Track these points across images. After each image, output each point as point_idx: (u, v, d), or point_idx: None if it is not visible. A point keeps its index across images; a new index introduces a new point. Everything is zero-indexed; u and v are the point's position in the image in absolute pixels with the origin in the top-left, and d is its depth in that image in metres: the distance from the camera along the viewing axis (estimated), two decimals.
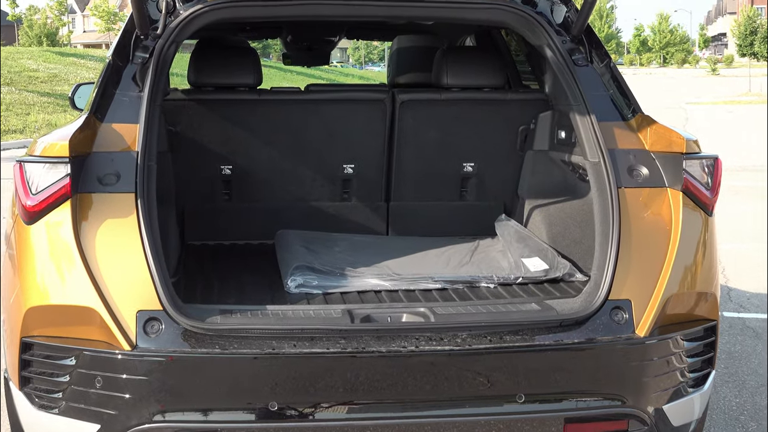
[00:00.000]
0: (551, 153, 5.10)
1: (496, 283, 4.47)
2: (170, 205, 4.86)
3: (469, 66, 5.25)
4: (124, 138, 3.86)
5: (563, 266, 4.54)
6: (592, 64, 4.46)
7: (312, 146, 5.34)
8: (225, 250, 5.24)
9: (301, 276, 4.35)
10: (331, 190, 5.47)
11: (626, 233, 3.93)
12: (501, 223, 5.32)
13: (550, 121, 5.10)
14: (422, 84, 6.00)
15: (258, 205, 5.44)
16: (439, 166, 5.45)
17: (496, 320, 3.77)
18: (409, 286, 4.38)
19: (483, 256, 4.91)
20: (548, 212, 5.11)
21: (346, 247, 5.07)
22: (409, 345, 3.59)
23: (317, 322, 3.70)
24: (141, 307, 3.56)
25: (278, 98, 5.25)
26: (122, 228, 3.65)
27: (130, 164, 3.77)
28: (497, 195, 5.57)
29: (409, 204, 5.54)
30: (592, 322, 3.77)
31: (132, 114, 3.93)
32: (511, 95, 5.33)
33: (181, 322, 3.55)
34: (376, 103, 5.25)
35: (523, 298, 4.24)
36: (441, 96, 5.23)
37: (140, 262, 3.59)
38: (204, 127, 5.16)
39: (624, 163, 4.12)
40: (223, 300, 4.13)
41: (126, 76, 4.09)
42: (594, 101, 4.30)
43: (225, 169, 5.29)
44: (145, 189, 3.72)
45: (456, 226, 5.54)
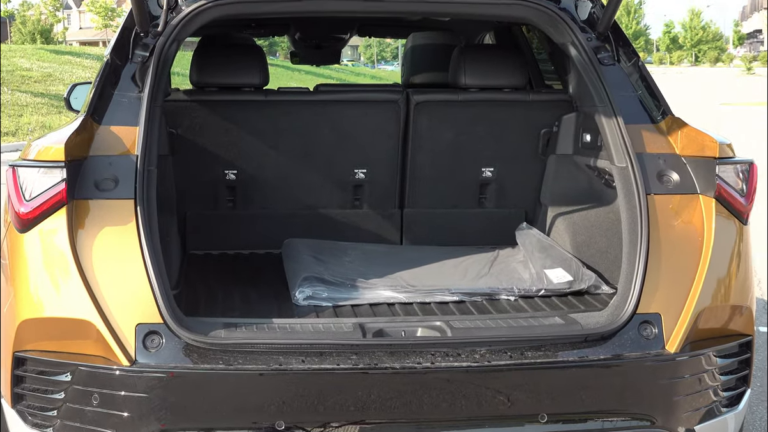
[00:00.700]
0: (575, 157, 5.10)
1: (516, 295, 4.47)
2: (171, 212, 4.87)
3: (489, 65, 5.25)
4: (123, 141, 3.87)
5: (588, 278, 4.54)
6: (619, 63, 4.45)
7: (321, 150, 5.35)
8: (229, 260, 5.25)
9: (310, 287, 4.36)
10: (341, 197, 5.48)
11: (655, 243, 3.92)
12: (522, 231, 5.32)
13: (574, 123, 5.10)
14: (438, 84, 6.00)
15: (264, 212, 5.45)
16: (456, 171, 5.45)
17: (516, 335, 3.77)
18: (425, 299, 4.38)
19: (503, 267, 4.91)
20: (572, 220, 5.10)
21: (358, 257, 5.07)
22: (425, 361, 3.59)
23: (327, 336, 3.70)
24: (140, 320, 3.57)
25: (286, 99, 5.26)
26: (121, 236, 3.67)
27: (129, 169, 3.78)
28: (518, 202, 5.57)
29: (424, 211, 5.54)
30: (619, 337, 3.77)
31: (131, 116, 3.95)
32: (533, 96, 5.34)
33: (182, 336, 3.56)
34: (390, 105, 5.26)
35: (545, 311, 4.23)
36: (458, 97, 5.24)
37: (140, 272, 3.60)
38: (207, 129, 5.18)
39: (653, 168, 4.11)
40: (227, 313, 4.14)
41: (125, 75, 4.10)
42: (621, 102, 4.30)
43: (229, 174, 5.30)
44: (144, 195, 3.74)
45: (474, 235, 5.54)
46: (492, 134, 5.38)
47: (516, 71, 5.24)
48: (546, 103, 5.30)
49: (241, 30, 6.96)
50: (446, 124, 5.31)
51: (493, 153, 5.43)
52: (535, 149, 5.39)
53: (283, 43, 53.62)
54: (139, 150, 3.82)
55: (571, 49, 4.51)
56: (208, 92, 5.14)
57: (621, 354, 3.73)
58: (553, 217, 5.29)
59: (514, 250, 5.24)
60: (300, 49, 7.94)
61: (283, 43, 52.68)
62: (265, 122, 5.23)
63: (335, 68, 48.24)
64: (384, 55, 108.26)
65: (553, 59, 5.59)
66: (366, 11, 5.04)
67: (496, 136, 5.38)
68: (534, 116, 5.31)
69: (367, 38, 7.66)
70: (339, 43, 7.89)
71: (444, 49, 6.10)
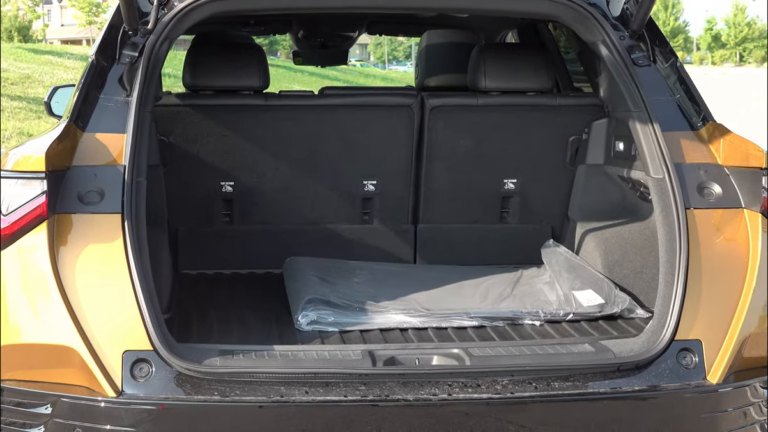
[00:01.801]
0: (607, 168, 5.10)
1: (542, 320, 4.47)
2: (162, 228, 4.88)
3: (511, 66, 5.26)
4: (109, 150, 3.89)
5: (621, 300, 4.54)
6: (655, 64, 4.46)
7: (327, 159, 5.37)
8: (225, 281, 5.26)
9: (315, 311, 4.37)
10: (349, 211, 5.49)
11: (695, 262, 3.92)
12: (548, 249, 5.32)
13: (605, 130, 5.11)
14: (456, 87, 6.02)
15: (264, 228, 5.46)
16: (475, 183, 5.46)
17: (542, 364, 3.77)
18: (441, 324, 4.39)
19: (527, 289, 4.91)
20: (604, 237, 5.10)
21: (367, 277, 5.08)
22: (441, 392, 3.59)
23: (333, 364, 3.71)
24: (128, 347, 3.57)
25: (288, 104, 5.28)
26: (107, 254, 3.68)
27: (115, 180, 3.79)
28: (544, 217, 5.57)
29: (441, 227, 5.55)
30: (655, 366, 3.76)
31: (118, 122, 3.96)
32: (560, 100, 5.34)
33: (174, 365, 3.57)
34: (402, 110, 5.27)
35: (574, 337, 4.23)
36: (478, 101, 5.25)
37: (127, 294, 3.61)
38: (201, 136, 5.20)
39: (693, 179, 4.11)
40: (224, 339, 4.14)
41: (111, 78, 4.12)
42: (658, 107, 4.31)
43: (226, 185, 5.32)
44: (133, 209, 3.75)
45: (495, 253, 5.54)
46: (515, 142, 5.38)
47: (541, 73, 5.25)
48: (574, 107, 5.31)
49: (239, 28, 6.99)
50: (464, 130, 5.32)
51: (517, 163, 5.43)
52: (563, 158, 5.39)
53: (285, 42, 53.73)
54: (127, 159, 3.83)
55: (602, 49, 4.52)
56: (202, 96, 5.16)
57: (658, 385, 3.72)
58: (583, 234, 5.29)
59: (540, 269, 5.24)
60: (303, 48, 7.96)
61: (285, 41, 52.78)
62: (265, 129, 5.24)
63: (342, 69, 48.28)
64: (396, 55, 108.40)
65: (583, 60, 5.59)
66: (376, 7, 5.06)
67: (520, 144, 5.39)
68: (561, 122, 5.32)
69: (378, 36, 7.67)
70: (346, 42, 7.91)
71: (462, 48, 6.12)
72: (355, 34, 7.72)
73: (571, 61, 6.23)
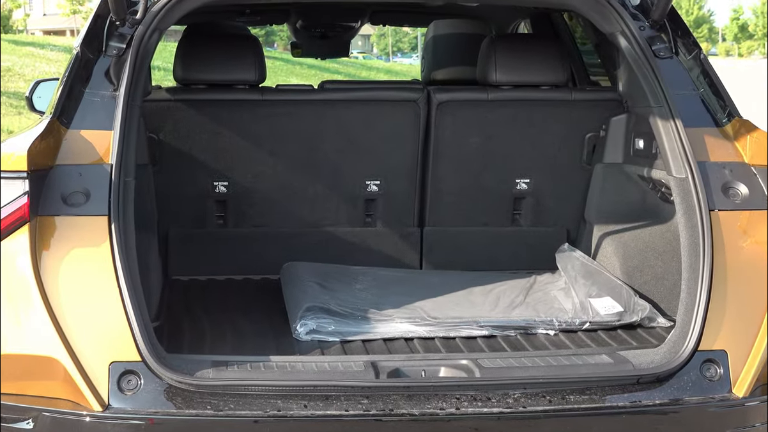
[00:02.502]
0: (626, 167, 5.10)
1: (557, 329, 4.47)
2: (151, 231, 4.89)
3: (524, 58, 5.26)
4: (95, 148, 3.89)
5: (641, 308, 4.54)
6: (678, 56, 4.46)
7: (327, 158, 5.37)
8: (219, 287, 5.27)
9: (314, 319, 4.37)
10: (350, 213, 5.49)
11: (720, 267, 3.92)
12: (563, 254, 5.32)
13: (624, 126, 5.11)
14: (465, 81, 6.02)
15: (260, 231, 5.47)
16: (485, 183, 5.46)
17: (557, 376, 3.78)
18: (448, 333, 4.39)
19: (540, 296, 4.91)
20: (623, 241, 5.10)
21: (370, 283, 5.08)
22: (449, 406, 3.59)
23: (333, 376, 3.71)
24: (115, 358, 3.58)
25: (285, 98, 5.28)
26: (92, 259, 3.68)
27: (102, 180, 3.80)
28: (558, 219, 5.58)
29: (448, 230, 5.55)
30: (677, 378, 3.76)
31: (105, 118, 3.97)
32: (576, 95, 5.34)
33: (164, 377, 3.57)
34: (408, 105, 5.27)
35: (591, 348, 4.23)
36: (488, 95, 5.25)
37: (114, 301, 3.62)
38: (194, 133, 5.20)
39: (717, 179, 4.11)
40: (217, 349, 4.15)
41: (97, 71, 4.13)
42: (680, 102, 4.31)
43: (219, 186, 5.32)
44: (120, 211, 3.75)
45: (507, 258, 5.54)
46: (528, 139, 5.38)
47: (556, 65, 5.25)
48: (591, 102, 5.31)
49: (233, 18, 7.00)
50: (474, 127, 5.32)
51: (530, 162, 5.44)
52: (579, 157, 5.39)
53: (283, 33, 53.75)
54: (114, 158, 3.84)
55: (621, 40, 4.52)
56: (195, 90, 5.17)
57: (680, 398, 3.72)
58: (600, 237, 5.29)
59: (554, 275, 5.24)
60: (302, 39, 7.96)
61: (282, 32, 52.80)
62: (261, 125, 5.25)
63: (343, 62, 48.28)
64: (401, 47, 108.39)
65: (600, 52, 5.60)
66: None
67: (533, 142, 5.39)
68: (577, 118, 5.32)
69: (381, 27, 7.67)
70: (348, 33, 7.91)
71: (471, 39, 6.13)
72: (358, 24, 7.72)
73: (587, 53, 6.23)
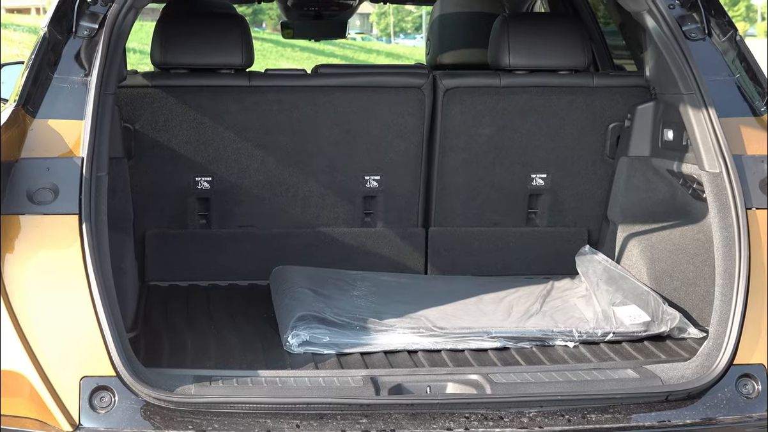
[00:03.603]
0: (654, 160, 5.11)
1: (576, 340, 4.48)
2: (126, 232, 4.89)
3: (540, 40, 5.26)
4: (65, 139, 3.89)
5: (671, 317, 4.54)
6: (711, 38, 4.46)
7: (322, 151, 5.37)
8: (202, 294, 5.27)
9: (307, 330, 4.37)
10: (348, 211, 5.49)
11: (758, 272, 3.92)
12: (584, 257, 5.32)
13: (652, 116, 5.11)
14: (475, 65, 6.02)
15: (247, 232, 5.47)
16: (497, 179, 5.46)
17: (577, 392, 3.78)
18: (456, 345, 4.39)
19: (559, 304, 4.92)
20: (650, 243, 5.10)
21: (369, 290, 5.08)
22: (457, 426, 3.59)
23: (329, 393, 3.71)
24: (86, 373, 3.58)
25: (276, 84, 5.28)
26: (61, 263, 3.68)
27: (72, 175, 3.80)
28: (578, 218, 5.58)
29: (456, 230, 5.56)
30: (711, 395, 3.77)
31: (75, 106, 3.97)
32: (599, 80, 5.35)
33: (141, 393, 3.57)
34: (411, 92, 5.28)
35: (614, 361, 4.24)
36: (501, 81, 5.25)
37: (85, 310, 3.62)
38: (173, 123, 5.20)
39: (755, 174, 4.11)
40: (200, 363, 4.15)
41: (67, 54, 4.13)
42: (714, 89, 4.30)
43: (202, 181, 5.32)
44: (92, 209, 3.75)
45: (521, 262, 5.55)
46: (545, 130, 5.39)
47: (576, 48, 5.25)
48: (615, 89, 5.31)
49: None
50: (485, 116, 5.32)
51: (546, 155, 5.44)
52: (601, 150, 5.40)
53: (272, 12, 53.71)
54: (86, 151, 3.84)
55: (648, 20, 4.52)
56: (175, 75, 5.17)
57: (713, 417, 3.72)
58: (625, 239, 5.29)
59: (574, 281, 5.25)
60: (294, 18, 7.96)
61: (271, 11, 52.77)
62: (248, 114, 5.25)
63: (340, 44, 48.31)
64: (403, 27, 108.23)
65: (625, 32, 5.60)
66: None
67: (550, 133, 5.39)
68: (600, 106, 5.33)
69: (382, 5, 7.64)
70: (345, 11, 7.91)
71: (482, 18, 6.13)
72: (356, 1, 7.72)
73: (611, 34, 6.23)
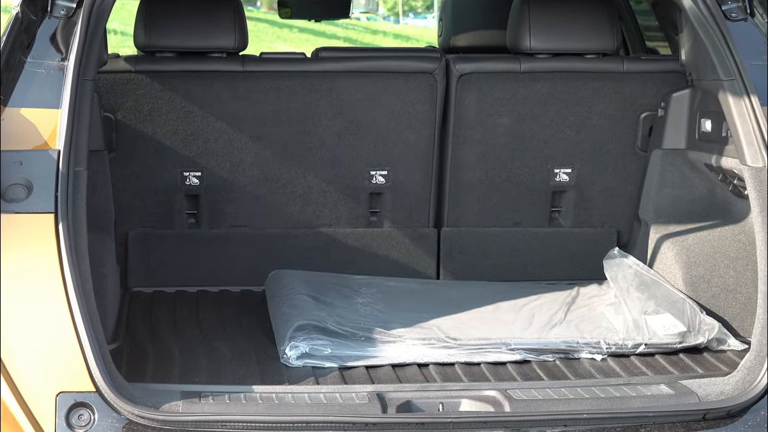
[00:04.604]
0: (690, 153, 5.10)
1: (604, 353, 4.47)
2: (107, 233, 4.89)
3: (565, 20, 5.26)
4: (39, 130, 3.89)
5: (709, 327, 4.53)
6: (753, 18, 4.45)
7: (323, 143, 5.37)
8: (190, 302, 5.27)
9: (307, 341, 4.37)
10: (351, 210, 5.49)
11: None
12: (613, 260, 5.31)
13: (688, 104, 5.11)
14: (492, 48, 6.02)
15: (240, 233, 5.47)
16: (517, 174, 5.46)
17: (605, 410, 3.77)
18: (472, 357, 4.39)
19: (585, 312, 4.91)
20: (686, 245, 5.10)
21: (375, 296, 5.08)
22: None
23: (331, 411, 3.71)
24: (63, 388, 3.58)
25: (272, 70, 5.28)
26: (35, 267, 3.68)
27: (47, 170, 3.80)
28: (607, 218, 5.58)
29: (472, 231, 5.56)
30: (753, 414, 3.76)
31: (51, 94, 3.96)
32: (629, 65, 5.34)
33: (123, 411, 3.57)
34: (422, 77, 5.28)
35: (646, 376, 4.23)
36: (521, 66, 5.25)
37: (62, 318, 3.61)
38: (159, 113, 5.20)
39: None
40: (188, 377, 4.15)
41: (42, 35, 4.12)
42: (756, 75, 4.30)
43: (190, 177, 5.32)
44: (69, 208, 3.75)
45: (543, 266, 5.55)
46: (569, 120, 5.38)
47: (604, 29, 5.24)
48: (647, 75, 5.30)
49: None
50: (503, 105, 5.32)
51: (572, 147, 5.43)
52: (632, 142, 5.39)
53: None
54: (62, 143, 3.83)
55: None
56: (160, 60, 5.17)
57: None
58: (658, 240, 5.28)
59: (602, 287, 5.24)
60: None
61: None
62: (242, 103, 5.25)
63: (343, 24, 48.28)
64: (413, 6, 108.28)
65: (658, 12, 5.59)
66: None
67: (576, 123, 5.39)
68: (630, 94, 5.32)
69: None
70: None
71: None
72: None
73: (643, 14, 6.23)
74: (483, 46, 6.40)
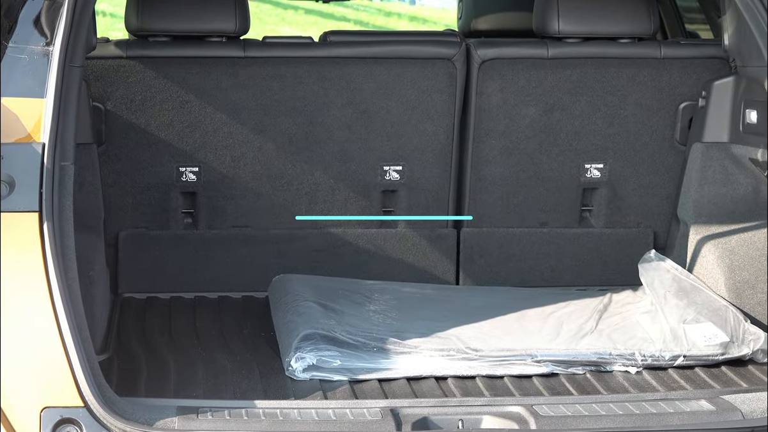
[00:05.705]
0: (734, 147, 5.10)
1: (640, 365, 4.48)
2: (96, 234, 4.90)
3: (597, 1, 5.26)
4: (22, 122, 3.90)
5: (754, 338, 4.54)
6: None
7: (332, 135, 5.38)
8: (185, 309, 5.28)
9: (314, 352, 4.38)
10: (363, 208, 5.49)
11: None
12: (649, 264, 5.31)
13: (731, 93, 5.10)
14: (517, 32, 6.02)
15: (241, 233, 5.48)
16: (544, 169, 5.47)
17: (640, 427, 3.79)
18: (494, 370, 4.40)
19: (618, 321, 4.91)
20: (729, 247, 5.09)
21: (389, 303, 5.09)
22: None
23: (341, 428, 3.73)
24: (48, 403, 3.59)
25: (276, 55, 5.29)
26: (18, 271, 3.69)
27: (30, 165, 3.81)
28: (642, 217, 5.58)
29: (495, 232, 5.56)
30: None
31: (34, 82, 3.97)
32: (667, 50, 5.34)
33: (113, 427, 3.58)
34: (440, 64, 5.29)
35: (685, 390, 4.24)
36: (548, 52, 5.26)
37: (47, 327, 3.63)
38: (153, 103, 5.21)
39: None
40: (184, 391, 4.16)
41: (24, 18, 4.13)
42: None
43: (187, 172, 5.33)
44: (55, 206, 3.76)
45: (573, 270, 5.56)
46: (601, 111, 5.38)
47: (640, 11, 5.24)
48: (687, 61, 5.31)
49: None
50: (529, 94, 5.32)
51: (604, 141, 5.44)
52: (670, 134, 5.40)
53: None
54: (47, 136, 3.84)
55: None
56: (154, 45, 5.19)
57: None
58: (699, 242, 5.28)
59: (637, 293, 5.24)
60: None
61: None
62: (243, 91, 5.25)
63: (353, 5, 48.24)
64: None
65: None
66: None
67: (608, 114, 5.39)
68: (669, 82, 5.32)
69: None
70: None
71: None
72: None
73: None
74: (507, 30, 6.42)
